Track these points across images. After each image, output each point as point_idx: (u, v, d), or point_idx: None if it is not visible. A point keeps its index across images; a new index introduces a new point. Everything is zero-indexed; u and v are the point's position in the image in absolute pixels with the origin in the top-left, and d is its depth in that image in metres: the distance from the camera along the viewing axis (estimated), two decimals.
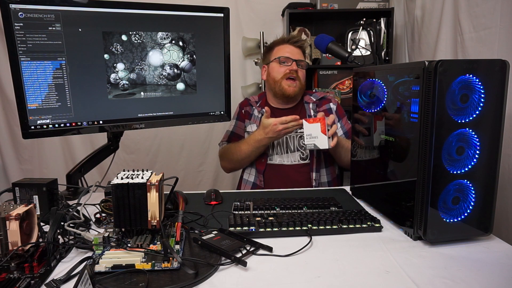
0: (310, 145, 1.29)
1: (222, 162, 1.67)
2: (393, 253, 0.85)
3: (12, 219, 0.74)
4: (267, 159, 1.58)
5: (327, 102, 1.66)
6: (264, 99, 1.70)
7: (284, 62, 1.59)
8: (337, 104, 1.67)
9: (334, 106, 1.65)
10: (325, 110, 1.63)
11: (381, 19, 2.32)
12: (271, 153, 1.58)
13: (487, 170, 0.88)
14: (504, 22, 1.44)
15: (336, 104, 1.67)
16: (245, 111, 1.69)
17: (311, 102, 1.66)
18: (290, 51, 1.59)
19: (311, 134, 1.28)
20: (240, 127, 1.69)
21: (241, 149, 1.53)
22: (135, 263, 0.75)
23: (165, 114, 1.39)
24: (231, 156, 1.58)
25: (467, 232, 0.90)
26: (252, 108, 1.69)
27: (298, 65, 1.58)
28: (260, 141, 1.46)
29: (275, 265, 0.81)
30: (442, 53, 1.82)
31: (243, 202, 1.13)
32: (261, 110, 1.64)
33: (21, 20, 1.12)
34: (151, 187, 0.82)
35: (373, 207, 1.14)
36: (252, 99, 1.74)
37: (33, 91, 1.16)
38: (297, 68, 1.58)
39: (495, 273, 0.77)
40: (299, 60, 1.59)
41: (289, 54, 1.59)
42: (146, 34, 1.30)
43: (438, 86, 0.82)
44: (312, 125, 1.28)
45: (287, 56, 1.58)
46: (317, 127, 1.27)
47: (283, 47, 1.61)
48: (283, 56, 1.59)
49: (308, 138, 1.29)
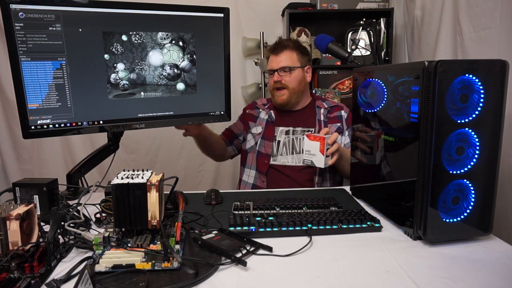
0: (307, 161, 1.31)
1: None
2: (393, 253, 0.85)
3: (13, 219, 0.74)
4: (269, 160, 1.58)
5: (339, 109, 1.64)
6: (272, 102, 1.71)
7: (270, 74, 1.62)
8: (349, 112, 1.64)
9: (345, 114, 1.63)
10: (335, 117, 1.61)
11: (381, 19, 2.32)
12: (275, 153, 1.59)
13: (487, 170, 0.88)
14: (504, 22, 1.44)
15: (348, 112, 1.64)
16: (249, 113, 1.71)
17: (323, 108, 1.64)
18: (273, 62, 1.60)
19: (310, 151, 1.30)
20: (238, 126, 1.72)
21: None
22: (135, 263, 0.76)
23: (165, 114, 1.39)
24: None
25: (467, 232, 0.90)
26: (258, 111, 1.70)
27: (280, 74, 1.57)
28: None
29: (275, 265, 0.81)
30: (442, 53, 1.82)
31: (243, 202, 1.13)
32: (269, 112, 1.66)
33: (22, 20, 1.12)
34: (151, 187, 0.82)
35: (373, 207, 1.14)
36: (260, 102, 1.75)
37: (33, 91, 1.16)
38: (281, 77, 1.57)
39: (495, 273, 0.77)
40: (281, 68, 1.57)
41: (271, 65, 1.61)
42: (146, 34, 1.30)
43: (438, 86, 0.82)
44: (312, 142, 1.29)
45: (269, 69, 1.62)
46: (316, 146, 1.28)
47: (270, 58, 1.63)
48: (267, 70, 1.64)
49: (307, 154, 1.31)
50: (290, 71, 1.57)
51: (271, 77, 1.61)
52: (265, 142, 1.61)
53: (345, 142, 1.59)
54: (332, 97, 2.37)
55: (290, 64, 1.57)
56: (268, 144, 1.60)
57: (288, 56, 1.59)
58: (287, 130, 1.61)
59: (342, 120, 1.62)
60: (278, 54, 1.59)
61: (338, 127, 1.59)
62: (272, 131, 1.62)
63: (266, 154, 1.58)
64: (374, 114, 1.07)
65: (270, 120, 1.65)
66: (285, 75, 1.57)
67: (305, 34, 2.40)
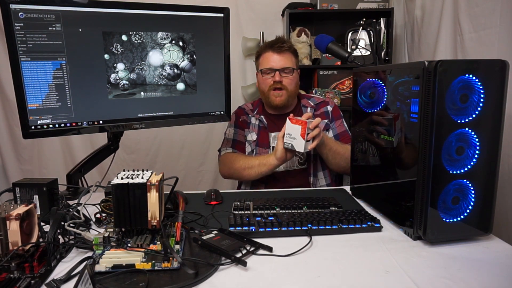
0: (287, 145, 1.28)
1: (223, 167, 1.60)
2: (393, 253, 0.85)
3: (13, 219, 0.74)
4: None
5: (324, 105, 1.63)
6: (261, 106, 1.67)
7: (268, 73, 1.54)
8: (334, 106, 1.63)
9: (331, 108, 1.62)
10: (322, 113, 1.60)
11: (381, 19, 2.33)
12: None
13: (487, 170, 0.88)
14: (504, 22, 1.44)
15: (333, 106, 1.63)
16: (242, 120, 1.65)
17: (309, 107, 1.62)
18: (273, 60, 1.53)
19: (291, 134, 1.27)
20: (241, 135, 1.64)
21: (252, 164, 1.46)
22: (135, 263, 0.76)
23: (165, 114, 1.39)
24: (236, 165, 1.52)
25: (467, 232, 0.90)
26: (248, 117, 1.65)
27: (282, 74, 1.53)
28: (274, 165, 1.41)
29: (275, 265, 0.81)
30: (442, 53, 1.82)
31: (243, 202, 1.13)
32: (260, 117, 1.62)
33: (22, 20, 1.12)
34: (151, 187, 0.82)
35: (373, 207, 1.14)
36: (247, 107, 1.69)
37: (33, 91, 1.16)
38: (282, 78, 1.52)
39: (495, 273, 0.77)
40: (283, 68, 1.53)
41: (272, 64, 1.53)
42: (146, 34, 1.30)
43: (438, 86, 0.82)
44: (294, 126, 1.26)
45: (269, 67, 1.53)
46: (297, 129, 1.25)
47: (267, 55, 1.55)
48: (265, 67, 1.54)
49: (288, 137, 1.28)
50: (291, 72, 1.54)
51: (268, 76, 1.54)
52: (260, 150, 1.58)
53: (329, 135, 1.57)
54: (332, 97, 2.37)
55: (291, 65, 1.55)
56: (263, 151, 1.57)
57: (289, 57, 1.56)
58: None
59: (329, 115, 1.60)
60: (281, 53, 1.54)
61: (326, 123, 1.58)
62: (266, 138, 1.58)
63: None
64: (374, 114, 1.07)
65: (262, 125, 1.61)
66: (287, 77, 1.53)
67: (305, 34, 2.40)
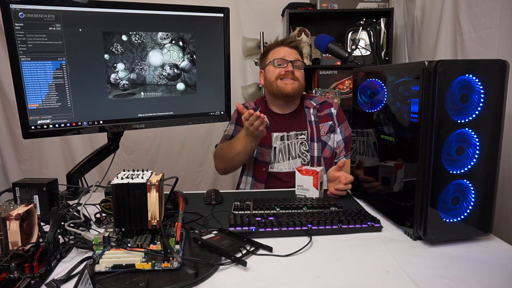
0: (300, 195, 1.24)
1: (216, 161, 1.60)
2: (393, 253, 0.85)
3: (12, 219, 0.74)
4: (268, 168, 1.55)
5: (328, 106, 1.62)
6: (264, 104, 1.66)
7: (279, 64, 1.54)
8: (338, 108, 1.63)
9: (335, 111, 1.61)
10: (326, 115, 1.60)
11: (381, 19, 2.33)
12: (272, 161, 1.55)
13: (486, 170, 0.88)
14: (504, 22, 1.44)
15: (337, 109, 1.62)
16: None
17: (312, 107, 1.61)
18: (285, 53, 1.55)
19: (302, 186, 1.23)
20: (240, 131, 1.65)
21: (233, 145, 1.46)
22: (135, 263, 0.76)
23: (165, 114, 1.39)
24: (224, 154, 1.52)
25: (467, 232, 0.90)
26: None
27: (294, 66, 1.54)
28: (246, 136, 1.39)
29: (275, 265, 0.81)
30: (442, 53, 1.82)
31: (243, 202, 1.13)
32: None
33: (22, 20, 1.12)
34: (151, 187, 0.82)
35: (373, 207, 1.14)
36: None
37: (33, 91, 1.16)
38: (293, 69, 1.53)
39: (495, 273, 0.77)
40: (295, 61, 1.54)
41: (284, 55, 1.55)
42: (146, 34, 1.30)
43: (438, 86, 0.82)
44: (305, 177, 1.22)
45: (281, 58, 1.54)
46: (309, 181, 1.22)
47: (278, 49, 1.57)
48: (277, 58, 1.55)
49: (300, 188, 1.24)
50: (302, 67, 1.57)
51: (279, 67, 1.54)
52: (262, 150, 1.57)
53: (337, 139, 1.58)
54: (332, 97, 2.37)
55: (302, 60, 1.59)
56: (265, 151, 1.56)
57: (300, 53, 1.60)
58: (281, 136, 1.57)
59: (333, 117, 1.60)
60: (292, 48, 1.57)
61: (330, 126, 1.58)
62: (268, 138, 1.57)
63: (264, 161, 1.55)
64: (374, 114, 1.07)
65: None
66: (298, 70, 1.55)
67: (305, 34, 2.40)
